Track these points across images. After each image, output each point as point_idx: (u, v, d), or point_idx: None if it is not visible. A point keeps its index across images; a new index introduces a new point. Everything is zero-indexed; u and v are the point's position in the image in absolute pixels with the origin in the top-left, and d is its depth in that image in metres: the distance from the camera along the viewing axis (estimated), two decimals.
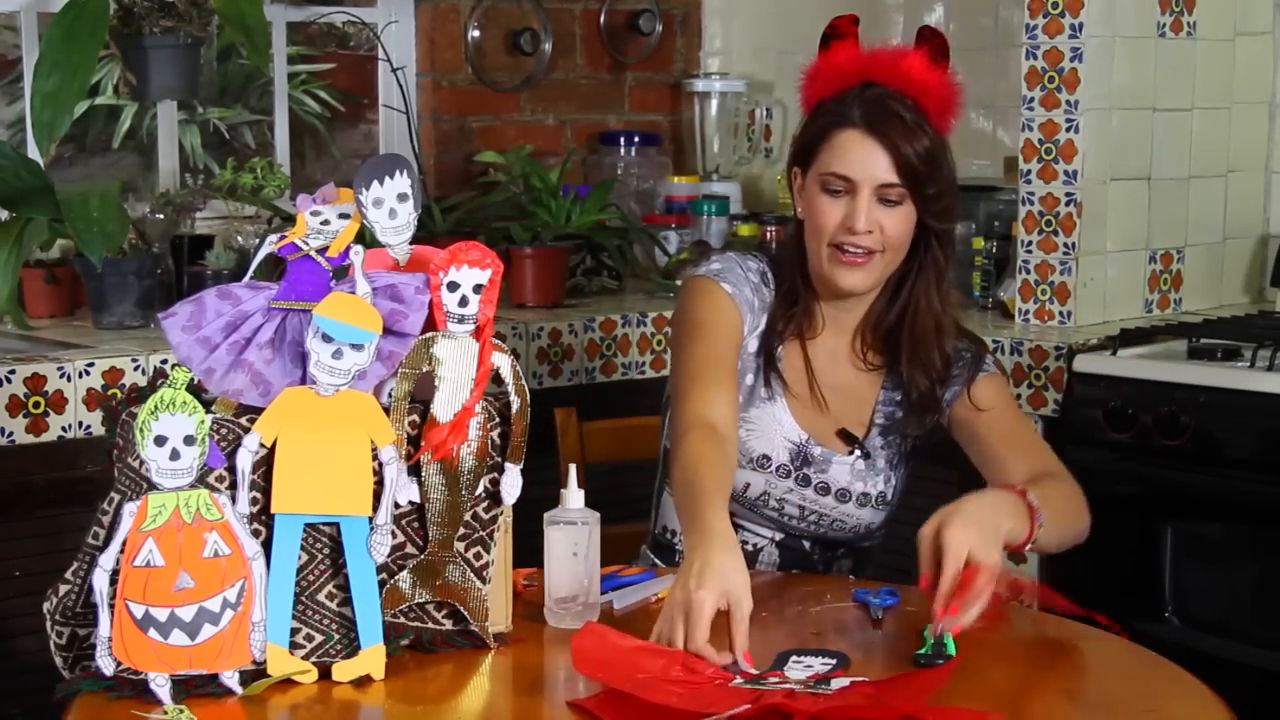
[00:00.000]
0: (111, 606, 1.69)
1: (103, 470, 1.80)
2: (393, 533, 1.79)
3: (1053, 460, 2.26)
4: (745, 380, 2.28)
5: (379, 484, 1.78)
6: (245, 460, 1.75)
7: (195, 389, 1.75)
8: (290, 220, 2.96)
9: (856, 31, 2.28)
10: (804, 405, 2.30)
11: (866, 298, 2.29)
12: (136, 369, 2.92)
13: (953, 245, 2.30)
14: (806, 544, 2.35)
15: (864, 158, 2.19)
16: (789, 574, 2.28)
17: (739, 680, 1.73)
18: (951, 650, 1.80)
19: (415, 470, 1.81)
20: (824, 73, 2.28)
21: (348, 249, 1.83)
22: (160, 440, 1.70)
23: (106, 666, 1.70)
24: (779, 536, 2.34)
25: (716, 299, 2.26)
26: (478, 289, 1.83)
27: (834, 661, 1.79)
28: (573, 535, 1.90)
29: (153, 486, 1.71)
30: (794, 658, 1.81)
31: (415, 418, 1.81)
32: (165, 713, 1.66)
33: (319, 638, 1.77)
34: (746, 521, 2.33)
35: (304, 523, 1.76)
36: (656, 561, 2.37)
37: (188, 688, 1.70)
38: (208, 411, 1.75)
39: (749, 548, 2.32)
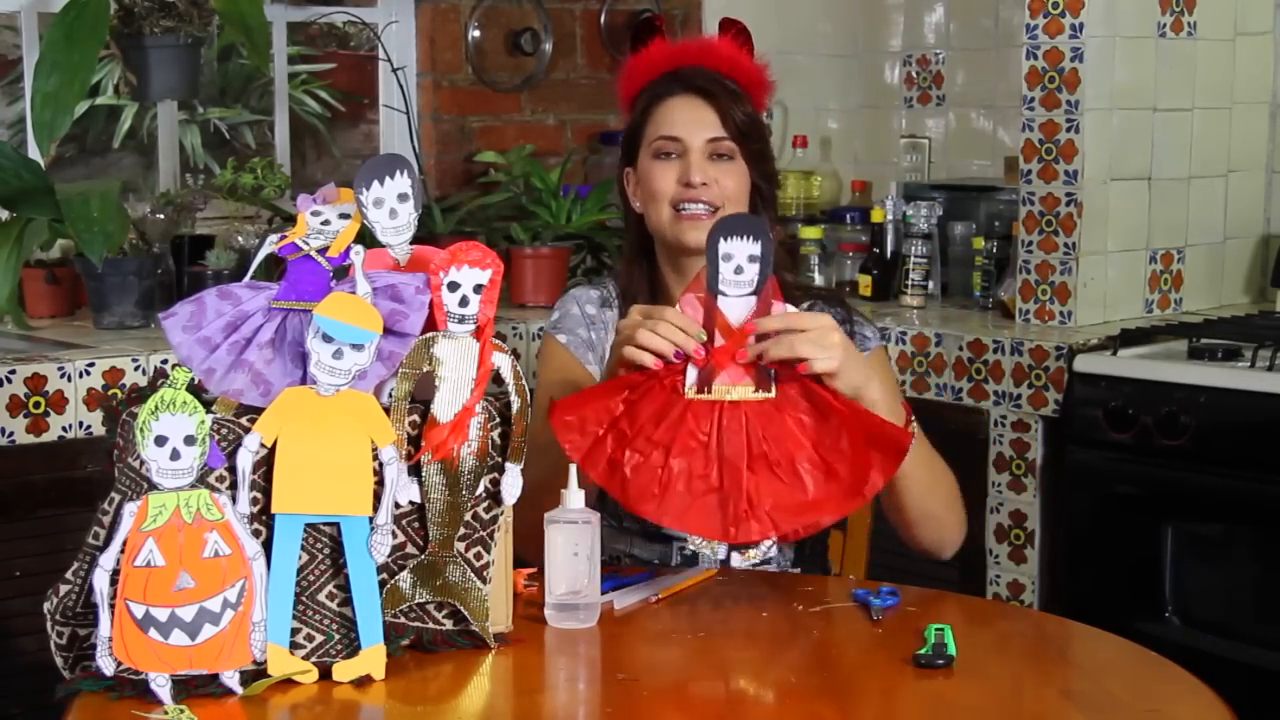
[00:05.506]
0: (112, 606, 1.69)
1: (103, 470, 1.80)
2: (393, 533, 1.79)
3: None
4: None
5: (379, 484, 1.77)
6: (245, 460, 1.75)
7: (195, 389, 1.75)
8: (290, 220, 2.96)
9: (662, 28, 2.37)
10: None
11: None
12: (137, 369, 2.93)
13: (776, 209, 2.38)
14: None
15: (691, 117, 2.29)
16: (786, 574, 2.28)
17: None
18: (952, 650, 1.80)
19: (415, 470, 1.81)
20: (637, 68, 2.36)
21: (348, 249, 1.83)
22: (160, 440, 1.70)
23: (107, 666, 1.70)
24: None
25: (550, 357, 2.37)
26: (478, 289, 1.83)
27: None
28: (573, 535, 1.90)
29: (153, 486, 1.71)
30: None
31: (415, 418, 1.81)
32: (165, 713, 1.66)
33: (319, 638, 1.77)
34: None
35: (304, 523, 1.76)
36: None
37: (188, 688, 1.70)
38: (208, 411, 1.74)
39: (688, 551, 2.30)
